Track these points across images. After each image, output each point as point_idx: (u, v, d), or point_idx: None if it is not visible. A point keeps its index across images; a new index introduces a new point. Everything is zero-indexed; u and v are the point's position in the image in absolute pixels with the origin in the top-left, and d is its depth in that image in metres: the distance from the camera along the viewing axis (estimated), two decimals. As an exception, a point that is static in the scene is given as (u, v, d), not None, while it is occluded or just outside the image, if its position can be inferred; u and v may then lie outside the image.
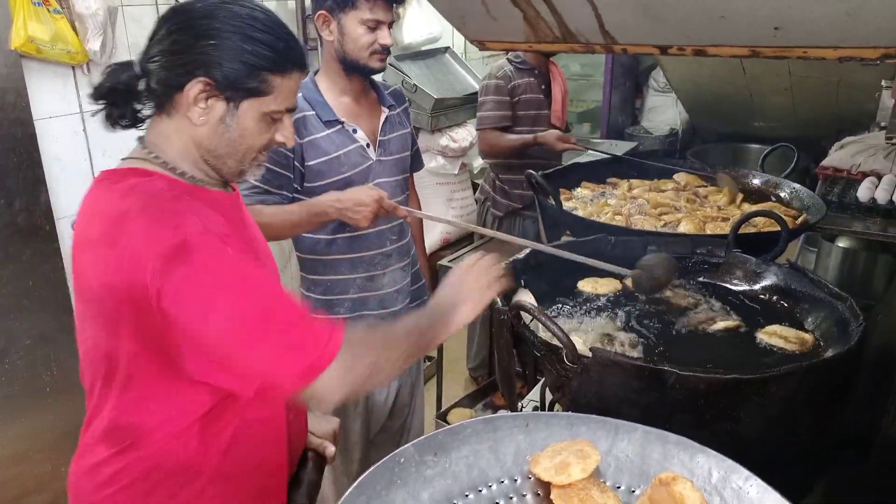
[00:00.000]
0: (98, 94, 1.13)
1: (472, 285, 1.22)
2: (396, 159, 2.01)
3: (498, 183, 3.32)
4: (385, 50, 1.87)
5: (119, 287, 1.01)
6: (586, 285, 1.51)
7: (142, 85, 1.11)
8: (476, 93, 3.96)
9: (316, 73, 1.95)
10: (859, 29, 0.75)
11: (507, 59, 3.19)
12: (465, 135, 3.96)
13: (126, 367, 1.08)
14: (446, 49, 4.17)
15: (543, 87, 3.17)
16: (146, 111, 1.16)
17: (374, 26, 1.82)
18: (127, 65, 1.13)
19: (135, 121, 1.16)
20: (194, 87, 1.06)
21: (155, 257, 0.98)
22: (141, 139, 1.17)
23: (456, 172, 4.02)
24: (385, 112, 1.98)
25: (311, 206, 1.75)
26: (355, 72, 1.89)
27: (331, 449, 1.40)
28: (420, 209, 2.36)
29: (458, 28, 1.19)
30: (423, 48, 4.04)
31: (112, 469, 1.12)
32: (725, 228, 1.85)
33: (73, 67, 2.38)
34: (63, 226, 2.37)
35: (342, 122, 1.89)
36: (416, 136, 2.17)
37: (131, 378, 1.09)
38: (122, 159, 1.16)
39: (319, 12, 1.86)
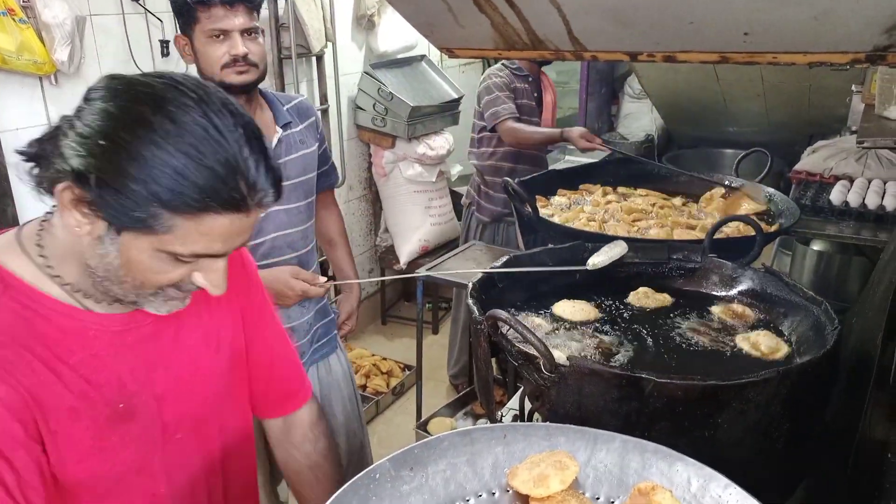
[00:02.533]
0: (26, 153, 0.87)
1: None
2: (296, 184, 1.82)
3: (483, 188, 3.33)
4: (240, 60, 1.66)
5: None
6: (563, 310, 1.40)
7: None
8: (452, 100, 3.98)
9: None
10: (827, 34, 0.75)
11: (504, 63, 3.23)
12: (442, 142, 3.96)
13: None
14: (422, 57, 4.18)
15: (536, 94, 3.23)
16: None
17: (220, 36, 1.65)
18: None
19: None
20: (65, 192, 0.81)
21: None
22: (49, 213, 0.93)
23: (433, 180, 4.02)
24: (278, 133, 1.79)
25: None
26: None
27: None
28: (342, 225, 2.20)
29: (425, 36, 1.17)
30: (399, 56, 4.05)
31: None
32: (693, 234, 1.86)
33: (41, 78, 2.33)
34: (31, 239, 2.32)
35: None
36: (329, 151, 2.00)
37: None
38: (19, 227, 0.95)
39: (176, 36, 1.74)
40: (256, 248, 1.77)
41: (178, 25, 1.72)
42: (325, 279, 1.78)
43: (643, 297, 1.45)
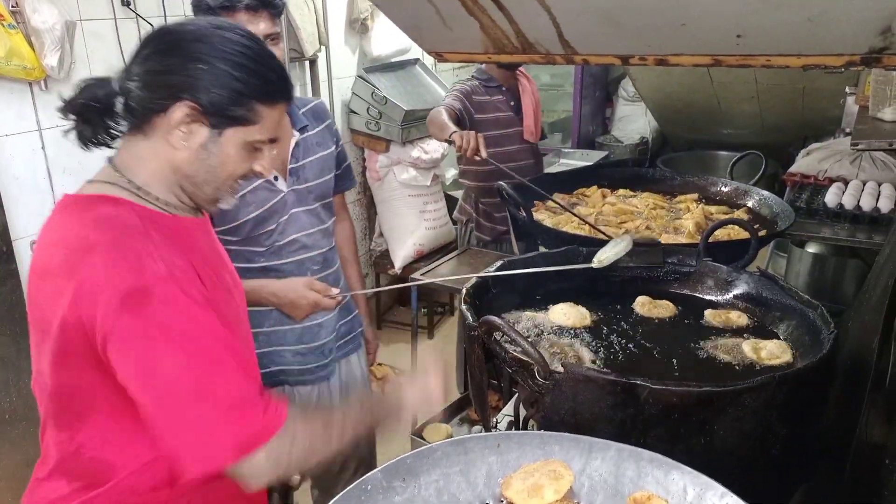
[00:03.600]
0: (70, 108, 1.08)
1: (429, 397, 1.21)
2: (314, 186, 1.85)
3: (481, 206, 3.17)
4: None
5: (73, 321, 0.97)
6: (556, 315, 1.39)
7: (119, 104, 1.06)
8: (446, 104, 3.94)
9: None
10: (822, 36, 0.74)
11: (473, 75, 3.05)
12: (436, 146, 3.94)
13: (82, 402, 1.04)
14: (416, 61, 4.17)
15: (513, 102, 3.01)
16: (117, 131, 1.10)
17: None
18: (104, 81, 1.08)
19: (106, 142, 1.11)
20: (179, 110, 1.03)
21: (110, 298, 0.94)
22: (111, 159, 1.12)
23: (428, 184, 4.00)
24: (296, 136, 1.81)
25: (248, 294, 1.55)
26: None
27: (295, 477, 1.35)
28: (354, 240, 2.22)
29: (413, 39, 1.16)
30: (393, 60, 4.03)
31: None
32: (678, 238, 1.86)
33: (30, 84, 2.31)
34: (21, 246, 2.29)
35: None
36: (345, 153, 2.01)
37: (89, 414, 1.05)
38: (89, 181, 1.11)
39: None
40: (285, 247, 1.79)
41: None
42: (338, 291, 1.78)
43: (651, 307, 1.43)
